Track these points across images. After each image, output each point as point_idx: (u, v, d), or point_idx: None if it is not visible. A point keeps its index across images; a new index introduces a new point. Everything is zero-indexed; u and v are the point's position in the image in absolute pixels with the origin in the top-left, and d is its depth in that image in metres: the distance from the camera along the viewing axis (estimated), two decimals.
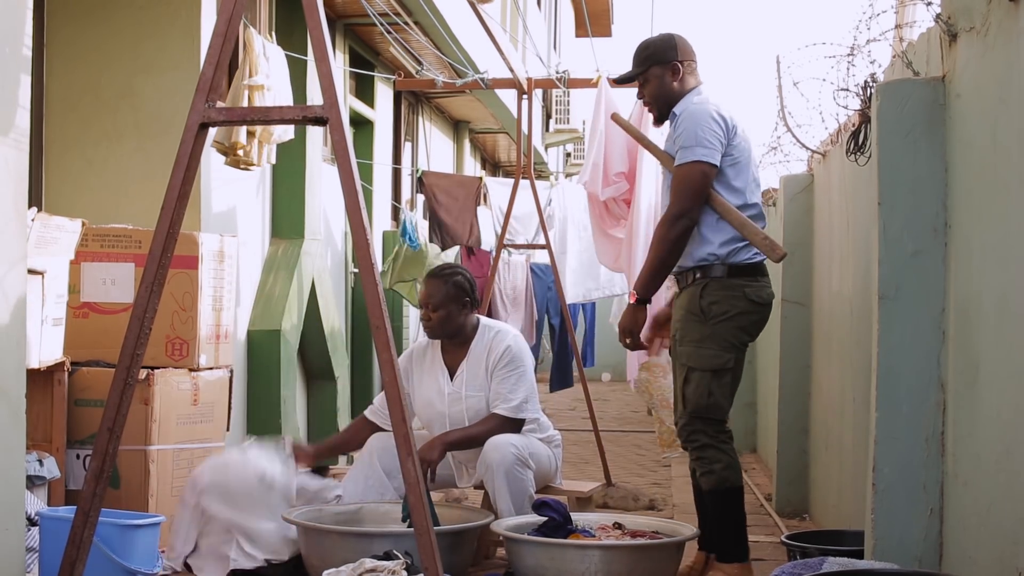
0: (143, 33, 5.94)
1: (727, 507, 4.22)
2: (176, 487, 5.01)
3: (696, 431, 4.23)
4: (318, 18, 3.10)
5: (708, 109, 4.23)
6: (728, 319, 4.19)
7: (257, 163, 5.81)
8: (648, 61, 4.42)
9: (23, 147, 3.65)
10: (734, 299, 4.20)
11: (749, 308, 4.22)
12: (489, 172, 15.97)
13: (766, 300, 4.27)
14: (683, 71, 4.39)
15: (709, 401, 4.19)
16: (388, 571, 3.75)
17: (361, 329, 8.92)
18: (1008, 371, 2.88)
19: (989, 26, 3.03)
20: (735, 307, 4.20)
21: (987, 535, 3.01)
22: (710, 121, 4.19)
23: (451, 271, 4.90)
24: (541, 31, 17.10)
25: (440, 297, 4.80)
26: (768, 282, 4.32)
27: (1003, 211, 2.94)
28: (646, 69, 4.43)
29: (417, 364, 4.99)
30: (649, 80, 4.42)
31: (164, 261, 3.17)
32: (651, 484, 7.04)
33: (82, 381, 4.88)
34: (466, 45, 9.13)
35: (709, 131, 4.18)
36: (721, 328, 4.19)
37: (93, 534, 3.18)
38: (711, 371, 4.19)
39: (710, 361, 4.19)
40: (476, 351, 4.86)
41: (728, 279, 4.21)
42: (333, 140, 3.10)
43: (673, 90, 4.38)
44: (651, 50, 4.43)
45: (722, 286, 4.21)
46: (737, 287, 4.21)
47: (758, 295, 4.24)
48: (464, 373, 4.86)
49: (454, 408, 4.84)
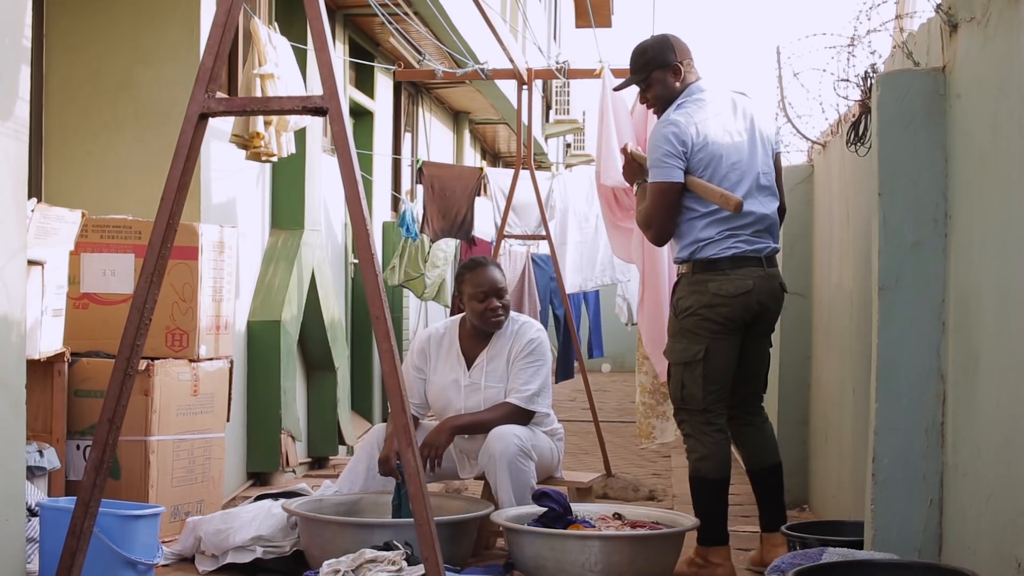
0: (143, 23, 5.93)
1: (698, 495, 4.45)
2: (176, 478, 5.02)
3: (682, 421, 4.47)
4: (318, 8, 3.09)
5: (662, 131, 4.37)
6: (692, 313, 4.38)
7: (278, 153, 5.79)
8: (649, 66, 4.51)
9: (23, 138, 3.65)
10: (698, 294, 4.37)
11: (714, 302, 4.35)
12: (489, 163, 15.95)
13: (732, 293, 4.36)
14: (683, 71, 4.50)
15: (683, 393, 4.40)
16: (388, 561, 3.75)
17: (361, 320, 8.92)
18: (1008, 362, 2.88)
19: (989, 16, 3.03)
20: (698, 301, 4.37)
21: (987, 525, 3.01)
22: (662, 142, 4.35)
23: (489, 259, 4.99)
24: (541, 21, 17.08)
25: (505, 283, 4.89)
26: (743, 275, 4.38)
27: (1003, 201, 2.94)
28: (648, 74, 4.52)
29: (435, 348, 4.99)
30: (652, 84, 4.53)
31: (164, 252, 3.17)
32: (651, 475, 7.05)
33: (82, 372, 4.88)
34: (466, 35, 9.11)
35: (662, 151, 4.34)
36: (687, 322, 4.39)
37: (93, 525, 3.19)
38: (682, 364, 4.40)
39: (680, 355, 4.41)
40: (499, 342, 4.89)
41: (693, 275, 4.40)
42: (333, 130, 3.10)
43: (676, 91, 4.49)
44: (650, 54, 4.52)
45: (688, 282, 4.42)
46: (702, 282, 4.37)
47: (722, 288, 4.35)
48: (484, 364, 4.87)
49: (471, 399, 4.85)
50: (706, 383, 4.36)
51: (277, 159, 5.94)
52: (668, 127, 4.37)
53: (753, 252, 4.40)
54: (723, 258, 4.36)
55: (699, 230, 4.37)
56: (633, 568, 4.01)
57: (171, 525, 4.89)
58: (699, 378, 4.36)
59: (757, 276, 4.39)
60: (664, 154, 4.33)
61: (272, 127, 5.71)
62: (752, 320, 4.43)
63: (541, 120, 16.74)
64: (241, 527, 4.42)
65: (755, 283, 4.38)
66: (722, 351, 4.38)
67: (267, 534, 4.41)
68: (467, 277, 4.88)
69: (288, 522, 4.45)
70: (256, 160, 5.83)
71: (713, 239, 4.36)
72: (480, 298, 4.83)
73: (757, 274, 4.39)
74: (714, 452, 4.37)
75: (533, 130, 7.66)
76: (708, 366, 4.36)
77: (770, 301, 4.47)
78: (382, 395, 9.30)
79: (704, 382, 4.36)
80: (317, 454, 7.49)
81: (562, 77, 7.32)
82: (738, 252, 4.36)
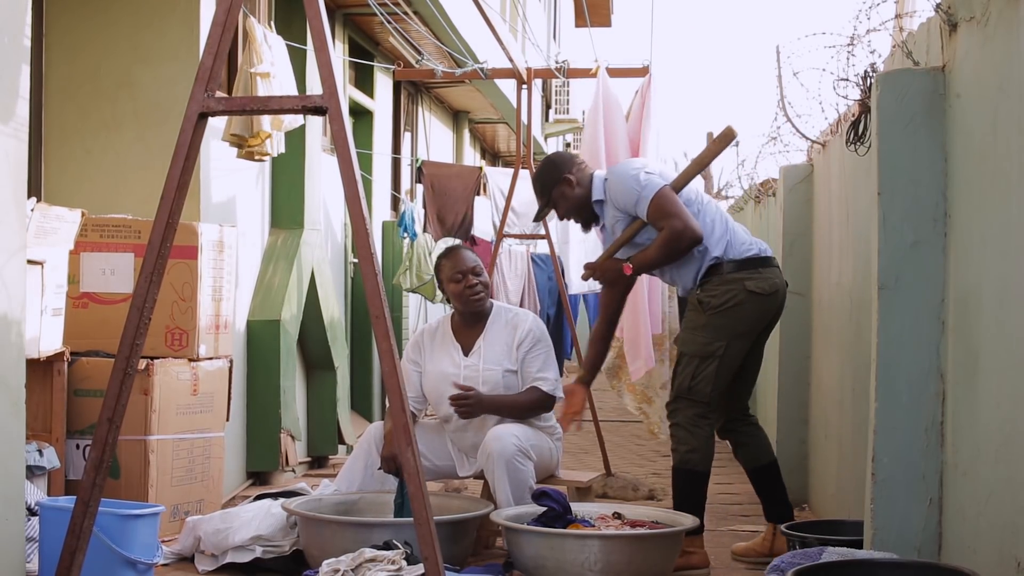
0: (142, 22, 5.93)
1: (683, 486, 4.57)
2: (176, 477, 5.02)
3: (676, 410, 4.57)
4: (317, 8, 3.09)
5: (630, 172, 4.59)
6: (723, 309, 4.50)
7: (271, 153, 5.80)
8: (545, 190, 4.78)
9: (22, 137, 3.65)
10: (733, 292, 4.50)
11: (748, 299, 4.50)
12: (489, 162, 15.96)
13: (767, 291, 4.53)
14: (576, 177, 4.72)
15: (692, 383, 4.53)
16: (388, 561, 3.75)
17: (360, 319, 8.93)
18: (1007, 361, 2.88)
19: (989, 15, 3.03)
20: (733, 299, 4.49)
21: (986, 525, 3.02)
22: (632, 175, 4.56)
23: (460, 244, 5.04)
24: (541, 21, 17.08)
25: (479, 261, 4.96)
26: (772, 274, 4.59)
27: (1003, 201, 2.94)
28: (549, 197, 4.78)
29: (428, 340, 5.06)
30: (558, 203, 4.78)
31: (163, 251, 3.17)
32: (650, 474, 7.05)
33: (82, 371, 4.88)
34: (465, 35, 9.11)
35: (639, 176, 4.54)
36: (716, 318, 4.51)
37: (93, 524, 3.18)
38: (699, 356, 4.52)
39: (701, 348, 4.52)
40: (494, 328, 4.96)
41: (726, 273, 4.52)
42: (332, 130, 3.10)
43: (579, 196, 4.73)
44: (542, 180, 4.79)
45: (721, 280, 4.52)
46: (737, 280, 4.50)
47: (759, 286, 4.51)
48: (481, 348, 4.94)
49: (470, 382, 4.87)
50: (717, 379, 4.51)
51: (268, 159, 5.94)
52: (630, 169, 4.62)
53: (767, 252, 4.62)
54: (756, 258, 4.55)
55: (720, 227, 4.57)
56: (632, 567, 4.01)
57: (171, 524, 4.89)
58: (712, 373, 4.50)
59: (779, 277, 4.62)
60: (643, 175, 4.53)
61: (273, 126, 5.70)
62: (768, 322, 4.64)
63: (541, 119, 16.74)
64: (240, 527, 4.42)
65: (780, 284, 4.60)
66: (737, 351, 4.55)
67: (266, 533, 4.41)
68: (442, 264, 5.00)
69: (288, 521, 4.44)
70: (248, 159, 5.83)
71: (741, 239, 4.57)
72: (458, 279, 4.92)
73: (779, 275, 4.62)
74: (703, 446, 4.52)
75: (533, 129, 7.65)
76: (723, 363, 4.51)
77: (782, 303, 4.68)
78: (381, 395, 9.30)
79: (715, 378, 4.51)
80: (317, 453, 7.49)
81: (561, 77, 7.32)
82: (765, 253, 4.60)
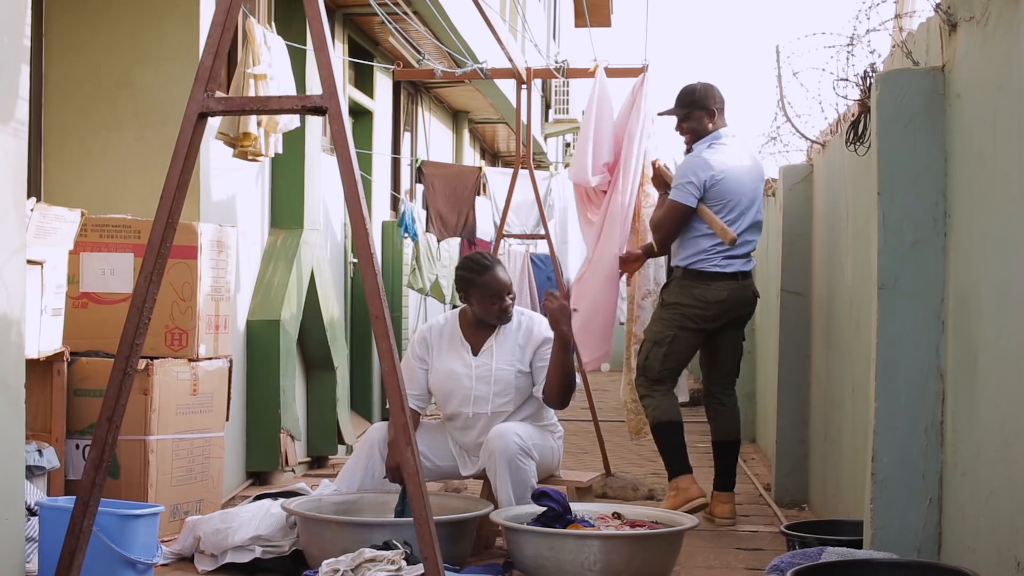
0: (142, 22, 5.93)
1: (662, 436, 5.52)
2: (175, 477, 5.02)
3: (639, 384, 5.64)
4: (317, 8, 3.09)
5: (694, 163, 5.47)
6: (674, 308, 5.51)
7: (265, 153, 5.79)
8: (693, 105, 5.57)
9: (22, 136, 3.65)
10: (683, 295, 5.48)
11: (693, 303, 5.46)
12: (488, 162, 15.96)
13: (710, 300, 5.44)
14: (716, 116, 5.56)
15: (645, 362, 5.59)
16: (387, 561, 3.75)
17: (360, 319, 8.92)
18: (1007, 361, 2.88)
19: (989, 15, 3.03)
20: (682, 301, 5.48)
21: (986, 525, 3.02)
22: (690, 172, 5.45)
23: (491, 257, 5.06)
24: (540, 21, 17.08)
25: (510, 279, 5.09)
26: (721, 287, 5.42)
27: (1002, 201, 2.94)
28: (690, 111, 5.58)
29: (436, 338, 5.04)
30: (691, 119, 5.59)
31: (163, 251, 3.17)
32: (650, 474, 7.04)
33: (81, 371, 4.88)
34: (465, 35, 9.11)
35: (687, 179, 5.43)
36: (667, 313, 5.54)
37: (92, 524, 3.18)
38: (653, 342, 5.57)
39: (655, 335, 5.58)
40: (505, 330, 4.97)
41: (683, 280, 5.50)
42: (332, 130, 3.10)
43: (707, 130, 5.56)
44: (696, 96, 5.58)
45: (678, 285, 5.53)
46: (688, 287, 5.47)
47: (703, 295, 5.44)
48: (492, 348, 4.94)
49: (481, 381, 4.87)
50: (664, 360, 5.53)
51: (265, 159, 5.93)
52: (699, 161, 5.45)
53: (731, 272, 5.46)
54: (708, 272, 5.45)
55: (699, 246, 5.45)
56: (632, 567, 4.01)
57: (170, 524, 4.89)
58: (660, 355, 5.53)
59: (731, 288, 5.47)
60: (688, 182, 5.42)
61: (261, 127, 5.68)
62: (724, 320, 5.52)
63: (540, 119, 16.74)
64: (240, 527, 4.42)
65: (728, 294, 5.47)
66: (684, 341, 5.53)
67: (266, 534, 4.41)
68: (476, 282, 4.87)
69: (287, 521, 4.44)
70: (243, 159, 5.83)
71: (708, 255, 5.45)
72: (492, 302, 4.88)
73: (731, 287, 5.47)
74: (664, 402, 5.51)
75: (532, 129, 7.65)
76: (670, 349, 5.52)
77: (740, 306, 5.54)
78: (381, 394, 9.30)
79: (663, 359, 5.53)
80: (316, 453, 7.48)
81: (561, 76, 7.32)
82: (719, 270, 5.46)
